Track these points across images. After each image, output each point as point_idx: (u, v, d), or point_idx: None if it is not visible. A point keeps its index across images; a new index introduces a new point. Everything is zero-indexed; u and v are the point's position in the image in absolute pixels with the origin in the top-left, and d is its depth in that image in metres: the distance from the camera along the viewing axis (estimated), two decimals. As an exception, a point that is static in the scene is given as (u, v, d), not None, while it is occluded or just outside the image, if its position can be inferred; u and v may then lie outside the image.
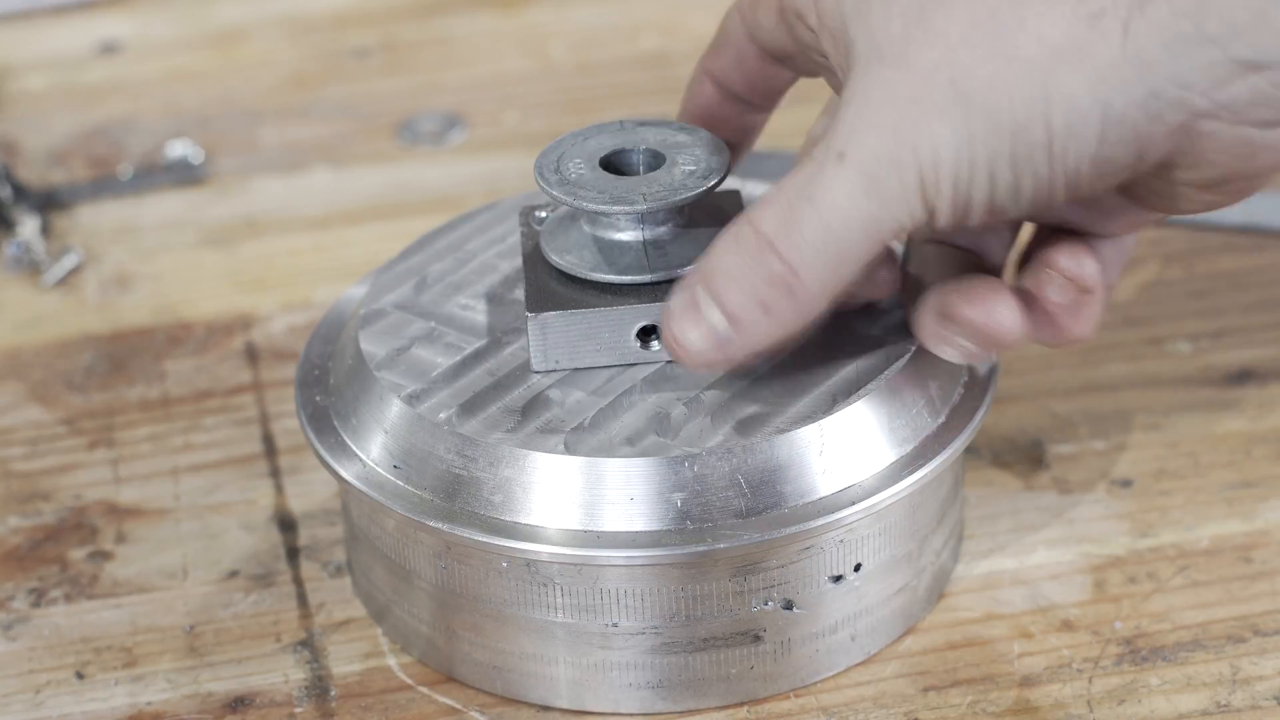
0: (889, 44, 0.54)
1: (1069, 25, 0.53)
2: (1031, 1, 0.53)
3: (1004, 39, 0.53)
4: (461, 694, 0.63)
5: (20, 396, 0.77)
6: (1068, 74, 0.53)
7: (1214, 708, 0.61)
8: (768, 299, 0.56)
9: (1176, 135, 0.54)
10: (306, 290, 0.82)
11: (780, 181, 0.56)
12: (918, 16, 0.54)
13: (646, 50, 0.97)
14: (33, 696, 0.64)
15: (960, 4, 0.54)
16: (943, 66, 0.53)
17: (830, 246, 0.55)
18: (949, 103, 0.53)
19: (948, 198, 0.54)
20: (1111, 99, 0.53)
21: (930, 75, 0.54)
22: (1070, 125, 0.53)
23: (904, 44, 0.54)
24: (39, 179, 0.90)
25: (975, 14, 0.53)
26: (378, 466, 0.62)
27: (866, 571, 0.62)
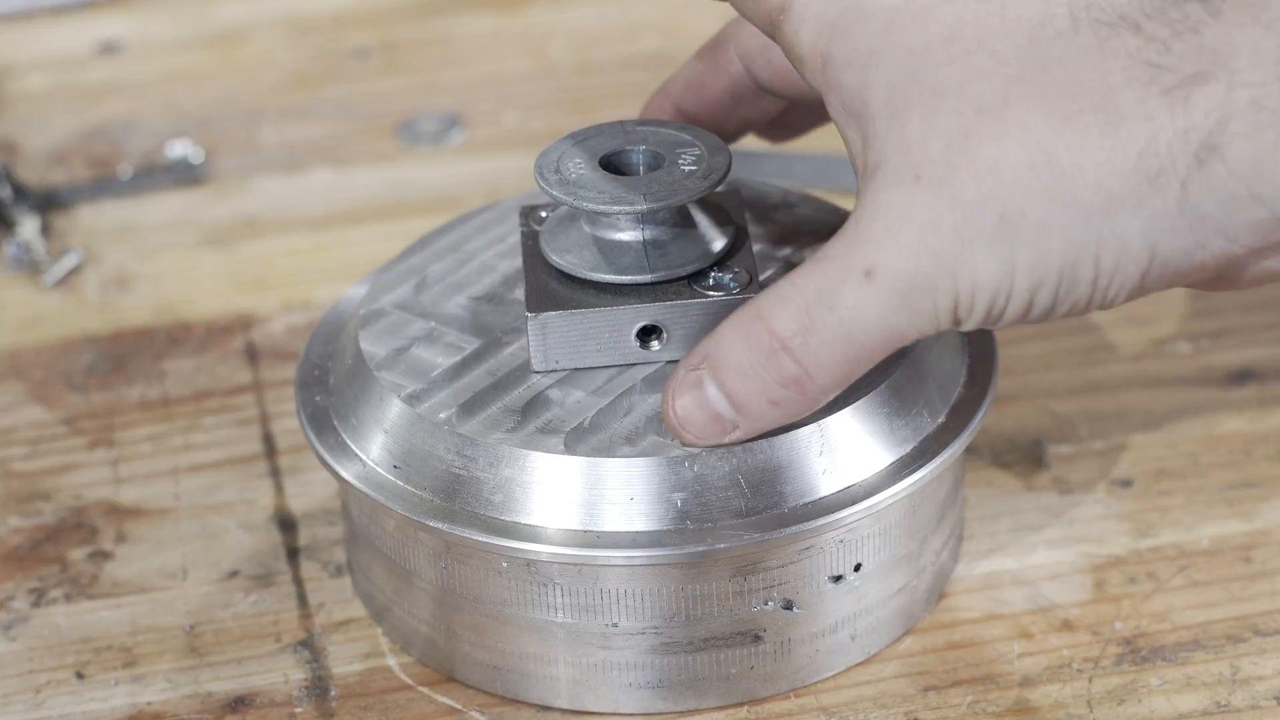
0: (927, 164, 0.53)
1: (1127, 177, 0.53)
2: (1090, 150, 0.53)
3: (1062, 184, 0.53)
4: (461, 694, 0.63)
5: (20, 396, 0.77)
6: (1122, 220, 0.53)
7: (1214, 708, 0.61)
8: (778, 397, 0.56)
9: (1213, 273, 0.55)
10: (306, 290, 0.82)
11: (793, 278, 0.55)
12: (963, 142, 0.53)
13: (646, 50, 0.97)
14: (33, 696, 0.64)
15: (1014, 140, 0.53)
16: (991, 201, 0.53)
17: (849, 353, 0.55)
18: (996, 236, 0.53)
19: (979, 317, 0.55)
20: (1159, 243, 0.54)
21: (978, 207, 0.53)
22: (1118, 265, 0.54)
23: (946, 169, 0.53)
24: (39, 179, 0.90)
25: (1031, 154, 0.53)
26: (378, 466, 0.62)
27: (866, 571, 0.62)
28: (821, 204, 0.69)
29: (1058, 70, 0.53)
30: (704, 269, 0.63)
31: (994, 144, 0.53)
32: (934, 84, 0.54)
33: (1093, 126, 0.53)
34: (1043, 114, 0.53)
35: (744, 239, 0.64)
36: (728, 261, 0.63)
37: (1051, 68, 0.53)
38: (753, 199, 0.69)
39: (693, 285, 0.62)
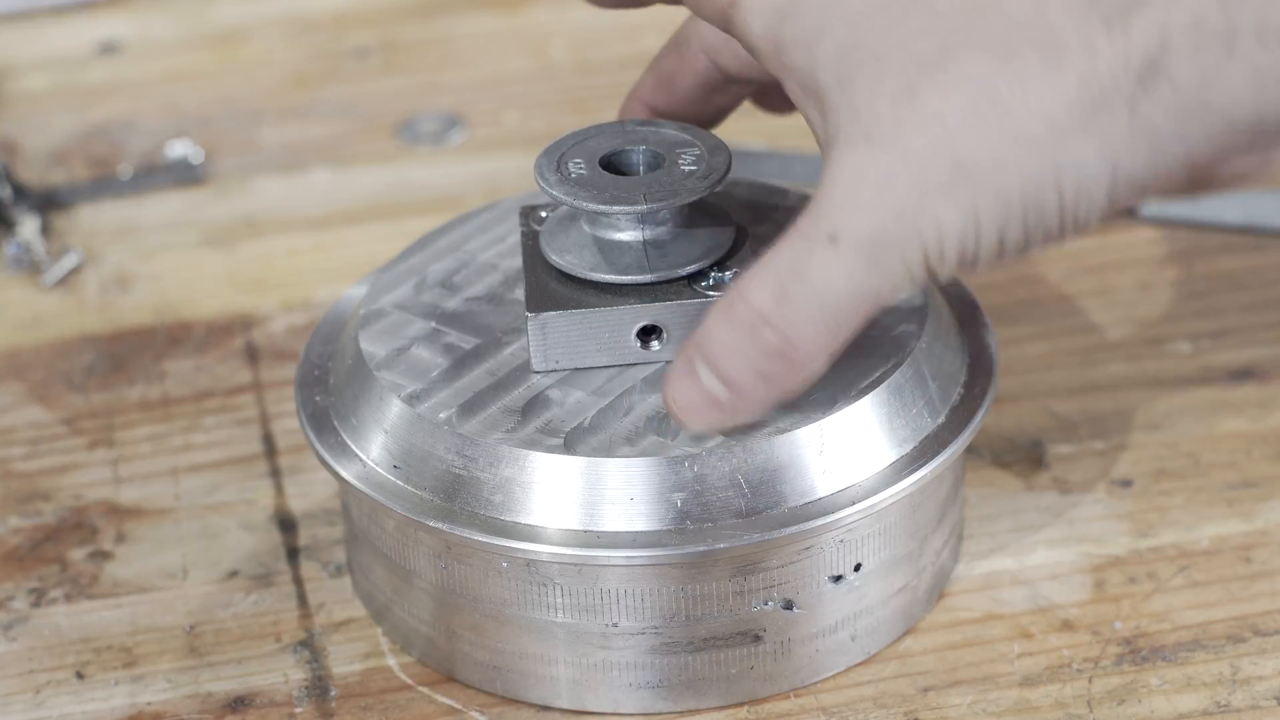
0: (877, 125, 0.54)
1: (1073, 105, 0.53)
2: (1034, 86, 0.53)
3: (1008, 120, 0.53)
4: (461, 694, 0.63)
5: (20, 396, 0.77)
6: (1075, 146, 0.54)
7: (1214, 708, 0.61)
8: (765, 369, 0.56)
9: (1183, 180, 0.56)
10: (306, 290, 0.82)
11: (767, 255, 0.56)
12: (908, 98, 0.54)
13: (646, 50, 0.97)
14: (33, 696, 0.64)
15: (956, 86, 0.54)
16: (942, 149, 0.53)
17: (827, 319, 0.56)
18: (952, 183, 0.54)
19: (952, 263, 0.55)
20: (1118, 160, 0.54)
21: (929, 158, 0.54)
22: (1080, 188, 0.54)
23: (895, 125, 0.54)
24: (39, 179, 0.90)
25: (974, 98, 0.53)
26: (378, 466, 0.62)
27: (866, 571, 0.62)
28: (821, 204, 0.69)
29: (995, 16, 0.54)
30: (704, 269, 0.63)
31: (937, 96, 0.53)
32: (877, 49, 0.54)
33: (1034, 64, 0.53)
34: (983, 60, 0.53)
35: (744, 239, 0.64)
36: (728, 261, 0.63)
37: (989, 15, 0.54)
38: (753, 199, 0.69)
39: (693, 285, 0.62)
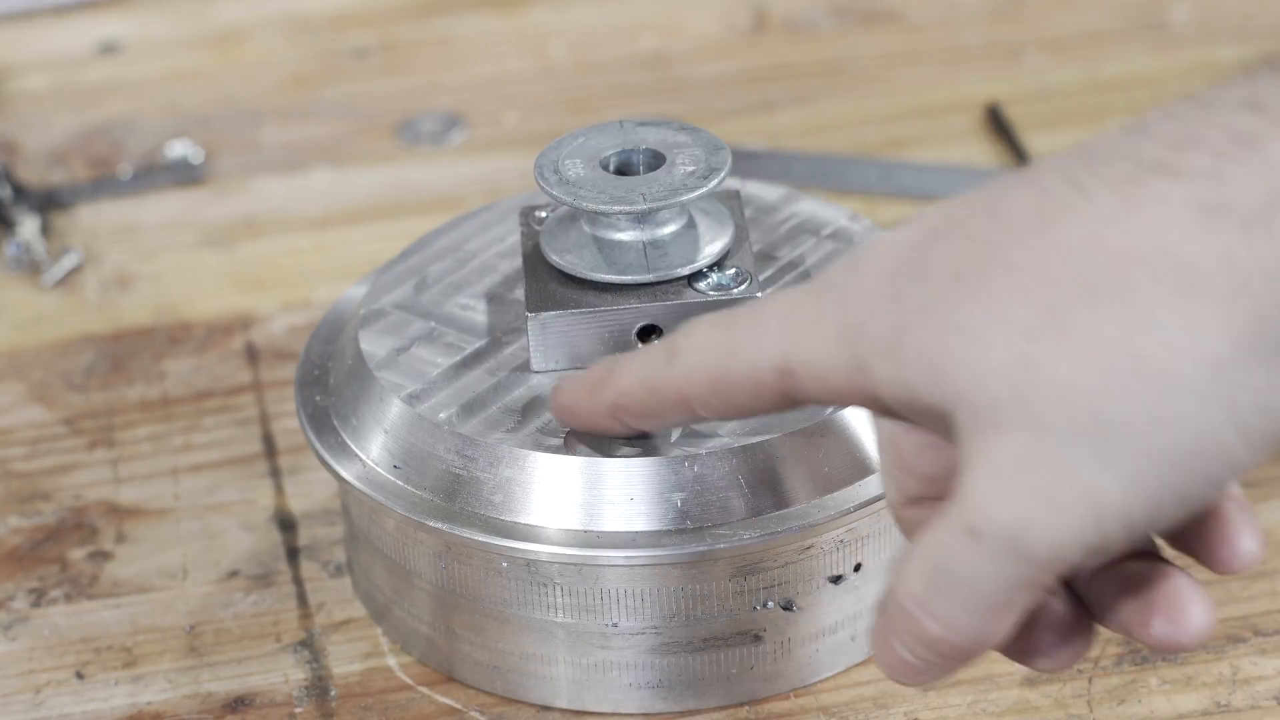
0: (996, 408, 0.48)
1: (1228, 334, 0.46)
2: (1172, 327, 0.46)
3: (1154, 372, 0.46)
4: (461, 694, 0.63)
5: (20, 396, 0.77)
6: (1242, 373, 0.46)
7: (1214, 708, 0.61)
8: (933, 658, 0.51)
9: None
10: (306, 290, 0.82)
11: (919, 543, 0.50)
12: (1024, 372, 0.47)
13: (646, 50, 0.97)
14: (33, 696, 0.64)
15: (1082, 350, 0.47)
16: (1085, 420, 0.47)
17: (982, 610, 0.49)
18: (1100, 454, 0.47)
19: (1119, 536, 0.48)
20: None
21: (1069, 431, 0.47)
22: (1263, 413, 0.47)
23: (1019, 405, 0.47)
24: (39, 179, 0.90)
25: (1107, 357, 0.46)
26: (378, 466, 0.62)
27: (866, 571, 0.62)
28: (821, 204, 0.69)
29: (1094, 258, 0.47)
30: (704, 269, 0.63)
31: (1063, 363, 0.47)
32: (963, 328, 0.48)
33: (1165, 302, 0.46)
34: (1102, 311, 0.47)
35: (744, 239, 0.64)
36: (727, 261, 0.63)
37: (1084, 258, 0.47)
38: (753, 199, 0.69)
39: (693, 285, 0.62)
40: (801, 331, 0.51)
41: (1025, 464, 0.47)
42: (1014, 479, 0.47)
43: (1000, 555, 0.48)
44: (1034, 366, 0.47)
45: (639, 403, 0.56)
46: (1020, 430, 0.47)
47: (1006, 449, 0.47)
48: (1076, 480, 0.47)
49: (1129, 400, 0.46)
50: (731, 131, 0.88)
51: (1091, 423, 0.47)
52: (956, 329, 0.48)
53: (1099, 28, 0.95)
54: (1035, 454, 0.47)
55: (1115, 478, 0.47)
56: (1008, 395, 0.47)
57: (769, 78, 0.94)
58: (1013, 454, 0.47)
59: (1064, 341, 0.47)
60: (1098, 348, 0.47)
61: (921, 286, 0.49)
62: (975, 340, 0.48)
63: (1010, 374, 0.47)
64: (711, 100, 0.92)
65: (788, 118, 0.91)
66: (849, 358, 0.50)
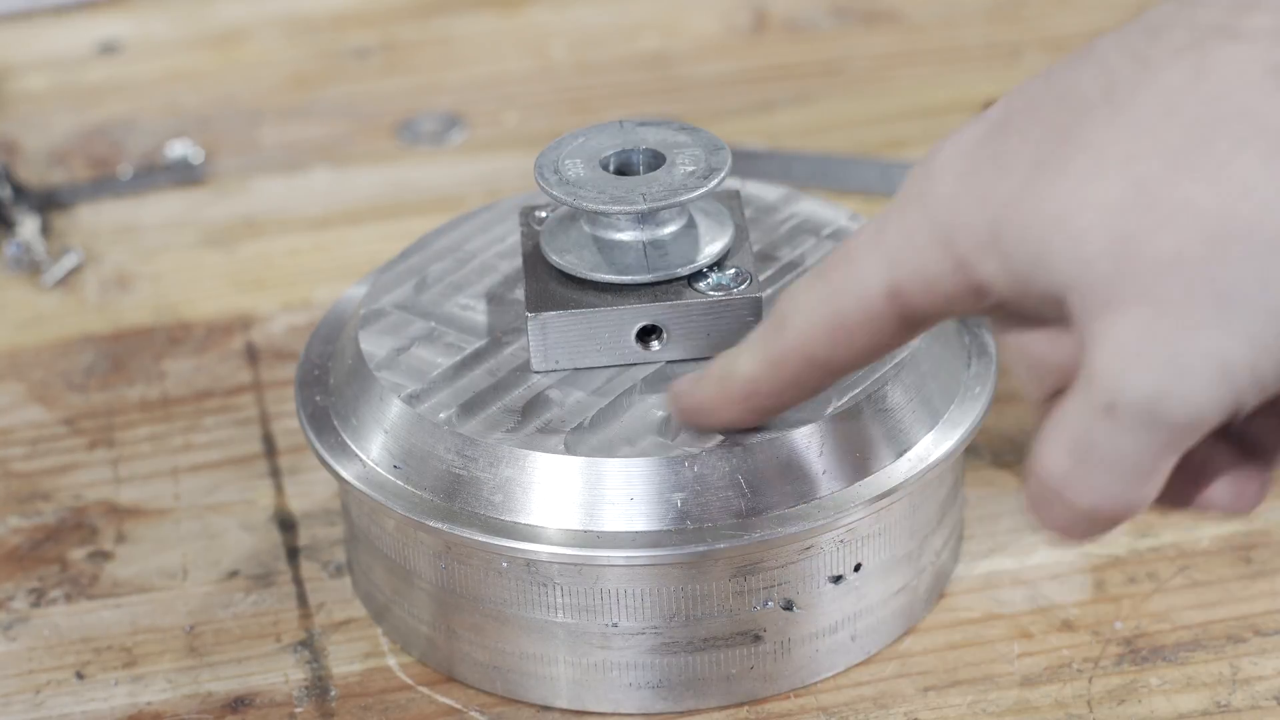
0: (1107, 287, 0.48)
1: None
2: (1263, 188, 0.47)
3: (1258, 236, 0.47)
4: (461, 694, 0.63)
5: (20, 396, 0.77)
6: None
7: (1214, 708, 0.61)
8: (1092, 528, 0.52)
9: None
10: (306, 290, 0.82)
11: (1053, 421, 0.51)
12: (1125, 248, 0.48)
13: (646, 50, 0.97)
14: (33, 696, 0.64)
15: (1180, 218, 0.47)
16: (1198, 288, 0.47)
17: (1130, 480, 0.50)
18: (1221, 317, 0.48)
19: (1253, 395, 0.49)
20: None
21: (1184, 299, 0.48)
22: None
23: (1130, 280, 0.48)
24: (39, 179, 0.90)
25: (1206, 226, 0.47)
26: (378, 466, 0.62)
27: (866, 571, 0.62)
28: (821, 204, 0.69)
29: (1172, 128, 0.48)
30: (704, 269, 0.63)
31: (1163, 235, 0.48)
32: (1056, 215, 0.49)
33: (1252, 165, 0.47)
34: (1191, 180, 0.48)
35: (744, 239, 0.64)
36: (727, 261, 0.63)
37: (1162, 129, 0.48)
38: (753, 199, 0.69)
39: (692, 285, 0.62)
40: (897, 249, 0.52)
41: (1148, 336, 0.48)
42: (1141, 352, 0.48)
43: (1139, 427, 0.49)
44: (1135, 241, 0.48)
45: (769, 382, 0.56)
46: (1136, 304, 0.48)
47: (1127, 324, 0.48)
48: (1201, 346, 0.48)
49: (1236, 265, 0.47)
50: (731, 131, 0.88)
51: (1205, 290, 0.47)
52: (1050, 217, 0.49)
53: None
54: (1156, 325, 0.48)
55: (1238, 339, 0.48)
56: (1116, 273, 0.48)
57: (769, 78, 0.94)
58: (1134, 328, 0.48)
59: (1159, 214, 0.48)
60: (1195, 216, 0.47)
61: (1004, 179, 0.50)
62: (1071, 224, 0.49)
63: (1113, 252, 0.48)
64: (711, 100, 0.92)
65: (788, 118, 0.91)
66: (951, 260, 0.51)
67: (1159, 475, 0.50)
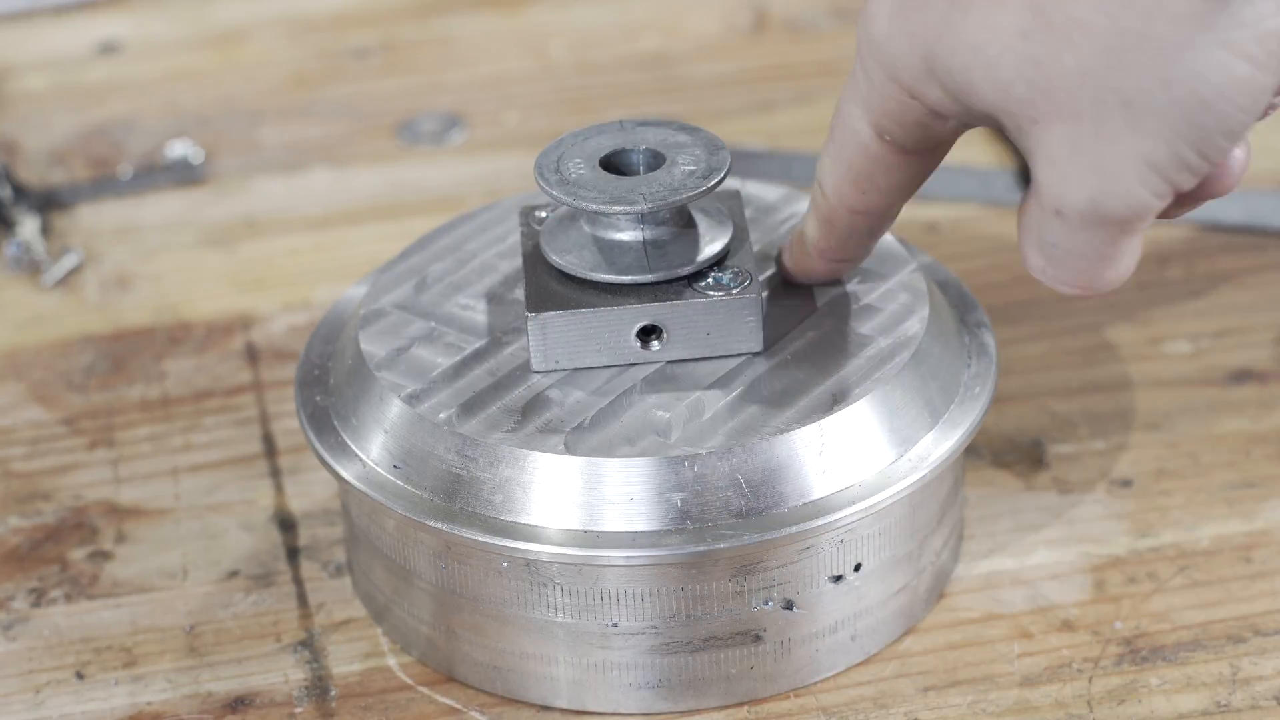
0: (1028, 106, 0.54)
1: None
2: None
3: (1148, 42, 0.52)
4: (461, 694, 0.63)
5: (20, 396, 0.77)
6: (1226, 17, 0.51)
7: (1214, 708, 0.61)
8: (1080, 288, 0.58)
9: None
10: (306, 290, 0.82)
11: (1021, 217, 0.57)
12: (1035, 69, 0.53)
13: (646, 50, 0.97)
14: (33, 696, 0.64)
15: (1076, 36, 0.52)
16: (1107, 98, 0.52)
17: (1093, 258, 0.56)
18: (1133, 121, 0.53)
19: (1187, 177, 0.54)
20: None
21: (1097, 110, 0.53)
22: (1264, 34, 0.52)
23: (1045, 99, 0.53)
24: (39, 179, 0.90)
25: (1100, 39, 0.52)
26: (378, 466, 0.62)
27: (866, 571, 0.62)
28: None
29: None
30: (704, 269, 0.63)
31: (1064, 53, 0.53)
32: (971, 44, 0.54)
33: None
34: None
35: (744, 239, 0.64)
36: (727, 261, 0.63)
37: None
38: (753, 199, 0.69)
39: (693, 285, 0.62)
40: (865, 94, 0.58)
41: (1073, 148, 0.53)
42: (1070, 163, 0.54)
43: (1088, 225, 0.55)
44: (1042, 63, 0.53)
45: (830, 239, 0.62)
46: (1056, 121, 0.53)
47: (1052, 139, 0.54)
48: (1122, 150, 0.53)
49: (1135, 72, 0.52)
50: (731, 131, 0.88)
51: (1114, 99, 0.52)
52: (966, 46, 0.54)
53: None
54: (1077, 138, 0.53)
55: (1154, 138, 0.53)
56: (1031, 95, 0.53)
57: (769, 78, 0.94)
58: (1059, 142, 0.54)
59: (1058, 35, 0.52)
60: (1088, 32, 0.52)
61: (926, 14, 0.55)
62: (984, 51, 0.54)
63: (1025, 76, 0.53)
64: (711, 100, 0.92)
65: (788, 118, 0.91)
66: (905, 92, 0.57)
67: (1126, 255, 0.56)
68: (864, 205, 0.61)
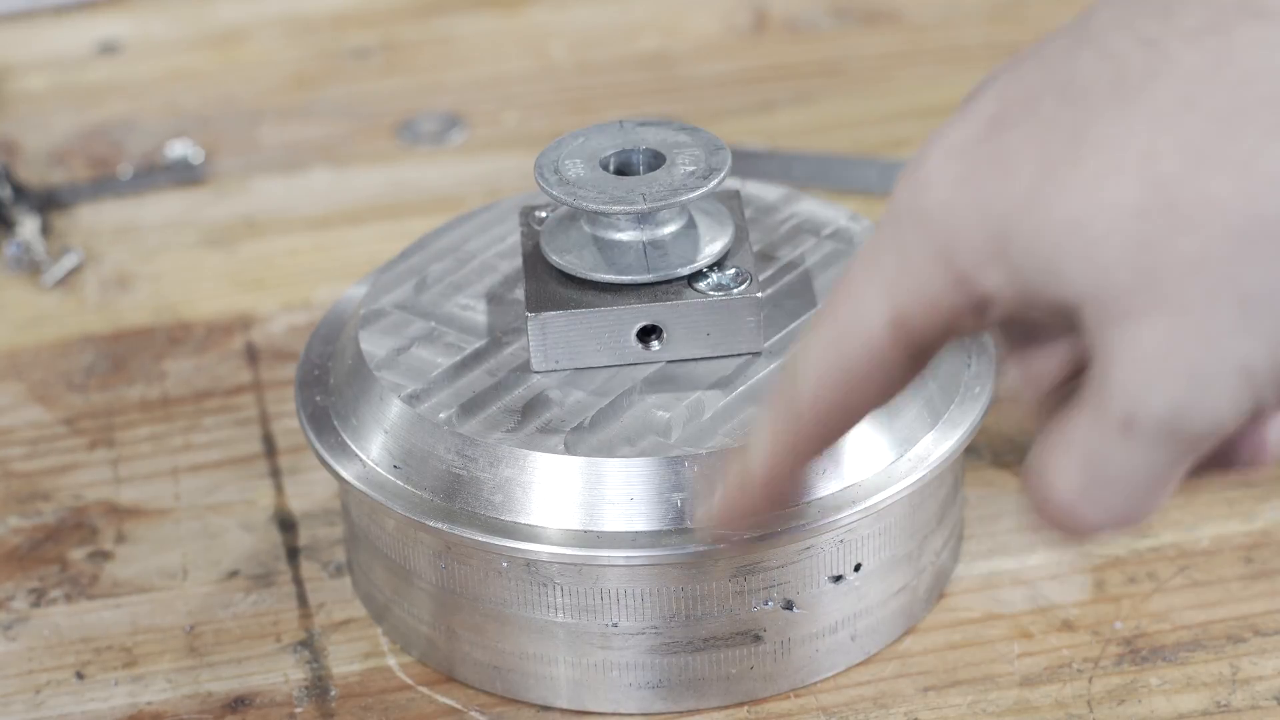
0: (1126, 296, 0.45)
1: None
2: None
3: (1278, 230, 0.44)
4: (461, 694, 0.63)
5: (20, 396, 0.77)
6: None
7: (1214, 708, 0.61)
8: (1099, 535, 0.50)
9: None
10: (306, 290, 0.82)
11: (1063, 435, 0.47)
12: (1145, 254, 0.45)
13: (646, 50, 0.97)
14: (33, 696, 0.64)
15: (1203, 218, 0.44)
16: (1221, 291, 0.45)
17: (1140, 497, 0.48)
18: (1245, 320, 0.45)
19: (1275, 398, 0.46)
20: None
21: (1211, 306, 0.45)
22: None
23: (1149, 288, 0.45)
24: (39, 179, 0.90)
25: (1232, 222, 0.44)
26: (378, 466, 0.62)
27: (866, 571, 0.62)
28: (821, 204, 0.69)
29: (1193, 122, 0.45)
30: (704, 269, 0.63)
31: (1184, 237, 0.45)
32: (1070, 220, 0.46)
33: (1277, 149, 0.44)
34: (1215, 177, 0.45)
35: (744, 239, 0.64)
36: (727, 261, 0.63)
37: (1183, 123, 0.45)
38: (753, 199, 0.69)
39: (693, 285, 0.62)
40: (896, 275, 0.48)
41: (1169, 347, 0.45)
42: (1162, 365, 0.45)
43: (1157, 442, 0.46)
44: (1156, 246, 0.45)
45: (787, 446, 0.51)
46: (1156, 314, 0.45)
47: (1146, 335, 0.45)
48: (1225, 353, 0.45)
49: (1261, 264, 0.44)
50: (731, 131, 0.88)
51: (1228, 293, 0.45)
52: (1063, 222, 0.45)
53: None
54: (1177, 335, 0.45)
55: (1261, 341, 0.45)
56: (1134, 281, 0.45)
57: (769, 78, 0.94)
58: (1153, 339, 0.45)
59: (1180, 214, 0.44)
60: (1218, 213, 0.44)
61: (1007, 183, 0.46)
62: (1086, 230, 0.45)
63: (1132, 259, 0.45)
64: (711, 100, 0.92)
65: (788, 118, 0.91)
66: (952, 275, 0.47)
67: (1173, 484, 0.47)
68: (843, 411, 0.50)
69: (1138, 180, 0.45)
